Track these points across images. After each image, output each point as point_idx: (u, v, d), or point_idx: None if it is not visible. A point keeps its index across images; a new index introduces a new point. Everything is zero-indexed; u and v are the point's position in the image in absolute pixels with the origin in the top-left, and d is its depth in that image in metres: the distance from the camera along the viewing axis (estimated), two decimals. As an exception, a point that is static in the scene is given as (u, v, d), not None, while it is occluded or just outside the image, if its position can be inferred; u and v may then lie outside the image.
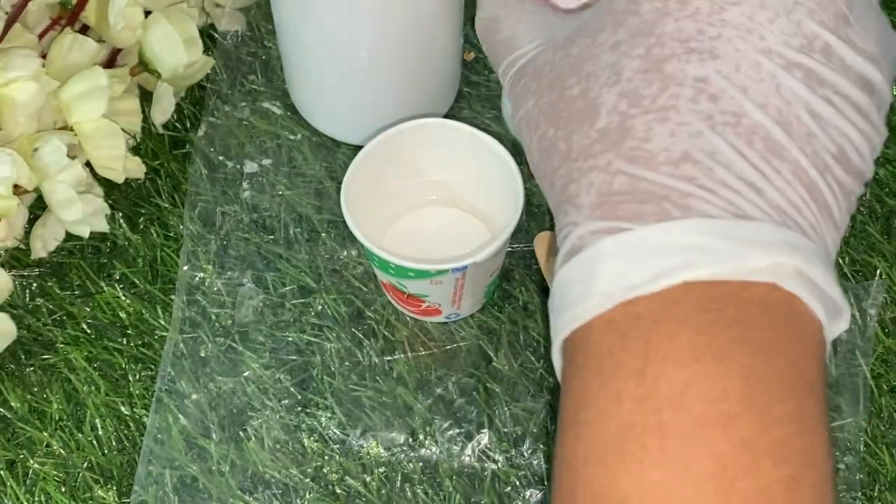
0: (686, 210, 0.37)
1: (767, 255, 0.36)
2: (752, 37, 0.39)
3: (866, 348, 0.60)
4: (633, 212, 0.38)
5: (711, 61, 0.39)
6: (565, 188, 0.40)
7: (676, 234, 0.37)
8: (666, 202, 0.37)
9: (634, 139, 0.38)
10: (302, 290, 0.62)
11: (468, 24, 0.68)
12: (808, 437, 0.36)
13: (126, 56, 0.66)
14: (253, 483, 0.57)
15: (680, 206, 0.37)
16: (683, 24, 0.40)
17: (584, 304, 0.37)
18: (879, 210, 0.63)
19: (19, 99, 0.61)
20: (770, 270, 0.36)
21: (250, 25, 0.69)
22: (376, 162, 0.57)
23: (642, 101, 0.39)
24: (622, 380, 0.36)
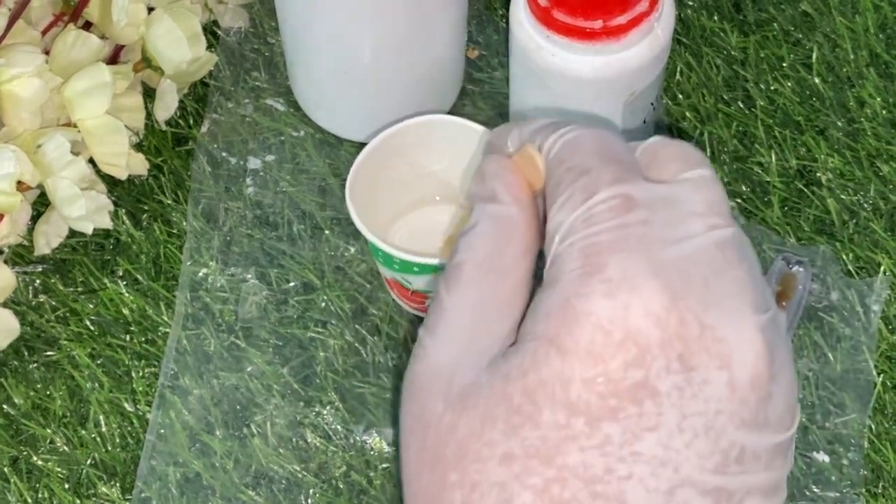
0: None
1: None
2: (666, 470, 0.37)
3: (870, 345, 0.59)
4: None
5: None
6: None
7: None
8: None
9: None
10: (305, 287, 0.62)
11: (472, 22, 0.68)
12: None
13: (129, 53, 0.66)
14: (256, 479, 0.57)
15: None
16: (590, 456, 0.37)
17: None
18: (883, 207, 0.63)
19: (22, 95, 0.61)
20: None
21: (253, 22, 0.69)
22: (381, 158, 0.57)
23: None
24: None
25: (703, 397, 0.37)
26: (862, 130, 0.65)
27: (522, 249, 0.41)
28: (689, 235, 0.39)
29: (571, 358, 0.37)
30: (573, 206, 0.39)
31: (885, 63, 0.67)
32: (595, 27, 0.54)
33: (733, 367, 0.37)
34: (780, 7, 0.69)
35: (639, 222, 0.38)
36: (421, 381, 0.40)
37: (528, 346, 0.38)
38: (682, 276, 0.38)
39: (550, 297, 0.38)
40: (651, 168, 0.41)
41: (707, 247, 0.39)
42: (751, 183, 0.64)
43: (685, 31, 0.68)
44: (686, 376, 0.37)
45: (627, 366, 0.37)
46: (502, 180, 0.42)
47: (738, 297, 0.38)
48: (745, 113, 0.66)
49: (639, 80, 0.56)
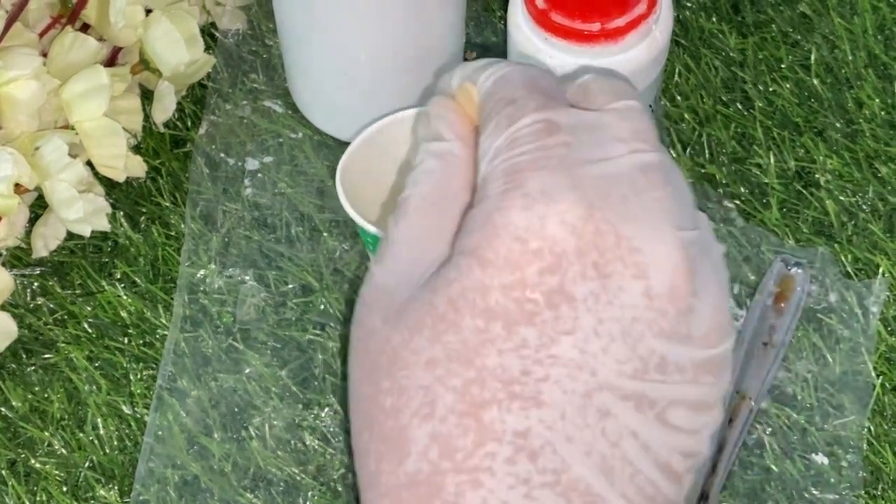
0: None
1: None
2: (583, 373, 0.38)
3: (869, 346, 0.59)
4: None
5: (535, 409, 0.37)
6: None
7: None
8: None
9: (443, 501, 0.37)
10: (304, 289, 0.62)
11: (470, 24, 0.68)
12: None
13: (127, 55, 0.66)
14: (255, 481, 0.57)
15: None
16: (508, 359, 0.38)
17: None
18: (882, 208, 0.63)
19: (20, 98, 0.61)
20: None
21: (251, 24, 0.69)
22: (373, 149, 0.57)
23: (455, 454, 0.37)
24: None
25: (618, 304, 0.38)
26: (860, 132, 0.65)
27: (463, 182, 0.43)
28: (610, 157, 0.40)
29: (490, 267, 0.38)
30: (499, 132, 0.41)
31: (884, 64, 0.67)
32: (593, 30, 0.54)
33: (650, 276, 0.38)
34: (778, 8, 0.69)
35: (560, 144, 0.40)
36: (366, 303, 0.42)
37: (455, 259, 0.40)
38: (601, 191, 0.39)
39: (476, 214, 0.40)
40: (581, 102, 0.43)
41: (629, 168, 0.40)
42: (749, 184, 0.64)
43: (683, 33, 0.68)
44: (602, 283, 0.38)
45: (543, 272, 0.38)
46: (445, 119, 0.44)
47: (658, 214, 0.39)
48: (743, 114, 0.66)
49: (637, 83, 0.56)
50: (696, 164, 0.65)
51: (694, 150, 0.65)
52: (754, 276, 0.61)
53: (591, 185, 0.39)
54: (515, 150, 0.40)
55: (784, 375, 0.59)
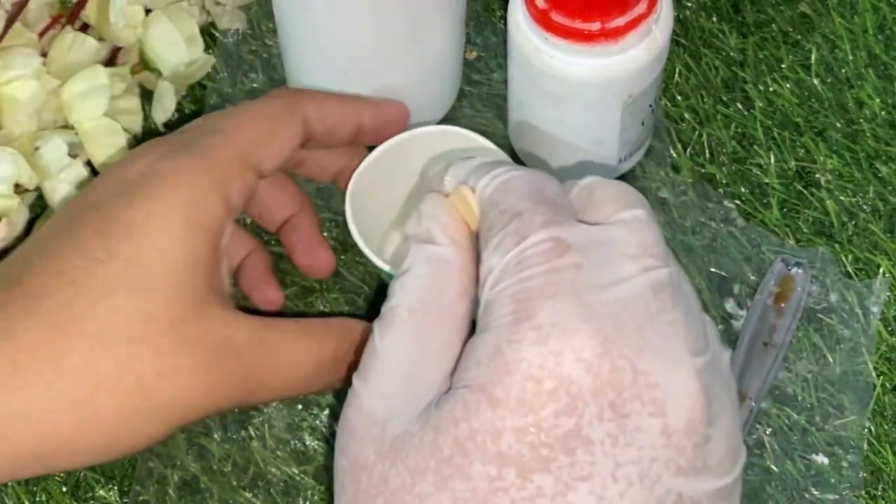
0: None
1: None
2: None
3: (869, 346, 0.59)
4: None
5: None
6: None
7: None
8: None
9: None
10: (304, 290, 0.62)
11: (470, 23, 0.68)
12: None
13: (127, 54, 0.66)
14: (254, 481, 0.57)
15: None
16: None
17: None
18: (882, 208, 0.63)
19: (20, 98, 0.61)
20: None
21: (251, 23, 0.69)
22: (386, 165, 0.57)
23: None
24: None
25: (636, 445, 0.36)
26: (861, 132, 0.65)
27: (458, 292, 0.41)
28: (622, 279, 0.38)
29: (502, 407, 0.36)
30: (505, 250, 0.39)
31: (884, 64, 0.67)
32: (593, 29, 0.54)
33: (667, 413, 0.37)
34: (778, 8, 0.69)
35: (570, 266, 0.38)
36: (354, 430, 0.40)
37: (460, 394, 0.37)
38: (615, 320, 0.37)
39: (482, 345, 0.38)
40: (586, 209, 0.41)
41: (640, 290, 0.38)
42: (749, 184, 0.64)
43: (684, 33, 0.68)
44: (619, 424, 0.36)
45: (559, 414, 0.36)
46: (438, 220, 0.42)
47: (673, 341, 0.38)
48: (743, 114, 0.66)
49: (637, 82, 0.56)
50: (697, 164, 0.65)
51: (694, 150, 0.65)
52: (755, 276, 0.61)
53: (604, 313, 0.37)
54: (524, 272, 0.38)
55: (784, 375, 0.59)
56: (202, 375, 0.45)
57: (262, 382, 0.48)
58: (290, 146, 0.52)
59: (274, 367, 0.48)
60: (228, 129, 0.50)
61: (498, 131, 0.65)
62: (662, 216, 0.62)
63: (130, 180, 0.48)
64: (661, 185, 0.64)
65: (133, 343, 0.44)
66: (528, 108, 0.60)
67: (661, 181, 0.64)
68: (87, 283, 0.44)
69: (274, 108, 0.52)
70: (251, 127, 0.51)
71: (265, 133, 0.51)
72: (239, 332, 0.47)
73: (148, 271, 0.44)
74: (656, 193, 0.63)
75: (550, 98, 0.57)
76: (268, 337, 0.48)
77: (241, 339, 0.47)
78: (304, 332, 0.49)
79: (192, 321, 0.45)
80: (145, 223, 0.45)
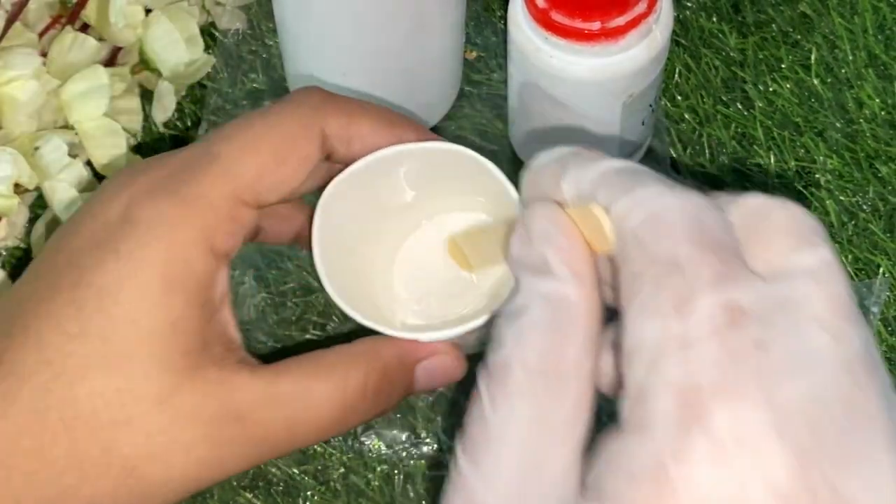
0: None
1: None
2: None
3: (869, 346, 0.59)
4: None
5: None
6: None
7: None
8: None
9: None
10: (304, 289, 0.62)
11: (470, 23, 0.68)
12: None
13: (127, 54, 0.66)
14: (254, 481, 0.57)
15: None
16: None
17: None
18: (882, 208, 0.63)
19: (20, 98, 0.61)
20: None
21: (251, 23, 0.69)
22: (354, 194, 0.49)
23: None
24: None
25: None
26: (861, 132, 0.65)
27: (586, 345, 0.33)
28: (814, 360, 0.31)
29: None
30: (662, 317, 0.31)
31: (884, 64, 0.67)
32: (593, 29, 0.54)
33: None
34: (778, 8, 0.69)
35: (751, 345, 0.30)
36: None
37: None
38: (812, 425, 0.30)
39: (636, 450, 0.30)
40: (753, 243, 0.33)
41: (836, 374, 0.31)
42: (750, 184, 0.64)
43: (684, 33, 0.68)
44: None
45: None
46: (555, 245, 0.34)
47: (875, 443, 0.31)
48: (743, 114, 0.66)
49: (637, 82, 0.56)
50: (697, 164, 0.64)
51: (694, 150, 0.65)
52: (754, 275, 0.61)
53: (799, 416, 0.30)
54: (691, 354, 0.30)
55: (784, 375, 0.59)
56: (202, 449, 0.41)
57: (278, 441, 0.43)
58: (300, 174, 0.45)
59: (290, 423, 0.43)
60: (224, 157, 0.44)
61: (498, 131, 0.65)
62: (662, 216, 0.62)
63: (109, 225, 0.43)
64: (661, 185, 0.64)
65: (117, 426, 0.40)
66: (529, 107, 0.60)
67: (661, 181, 0.64)
68: (64, 363, 0.40)
69: (285, 126, 0.45)
70: (253, 153, 0.44)
71: (269, 161, 0.44)
72: (242, 393, 0.42)
73: (124, 346, 0.41)
74: (656, 193, 0.63)
75: (550, 98, 0.57)
76: (278, 392, 0.43)
77: (246, 400, 0.42)
78: (320, 373, 0.44)
79: (183, 392, 0.41)
80: (117, 291, 0.41)
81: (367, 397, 0.44)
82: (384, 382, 0.44)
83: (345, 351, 0.45)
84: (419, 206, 0.51)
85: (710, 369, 0.30)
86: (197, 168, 0.44)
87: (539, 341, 0.33)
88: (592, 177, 0.35)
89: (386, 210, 0.50)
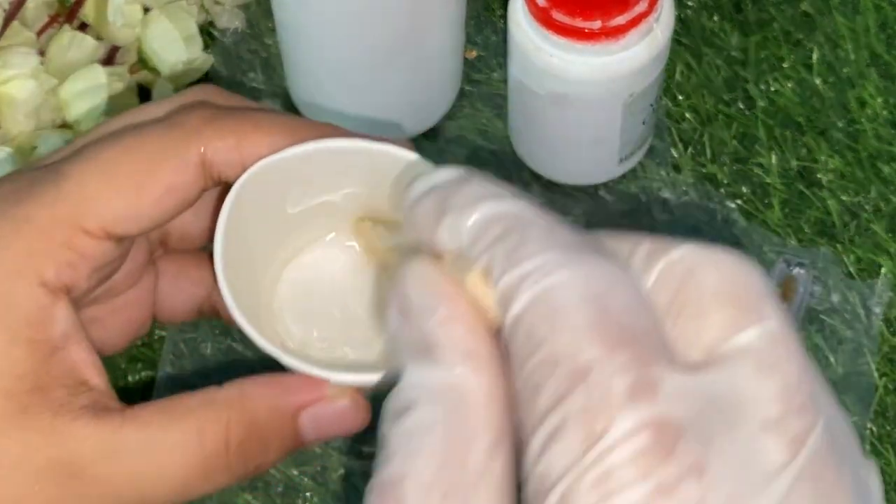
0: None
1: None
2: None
3: (871, 347, 0.59)
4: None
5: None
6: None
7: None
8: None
9: None
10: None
11: (470, 22, 0.68)
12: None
13: (125, 54, 0.65)
14: (254, 482, 0.57)
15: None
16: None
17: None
18: (885, 208, 0.63)
19: (18, 97, 0.60)
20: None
21: (250, 22, 0.69)
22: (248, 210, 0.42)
23: None
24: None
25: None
26: (863, 131, 0.65)
27: (492, 444, 0.27)
28: (764, 478, 0.25)
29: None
30: (572, 444, 0.25)
31: (886, 63, 0.67)
32: (594, 28, 0.54)
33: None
34: (780, 7, 0.69)
35: (686, 473, 0.24)
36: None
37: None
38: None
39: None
40: (681, 315, 0.27)
41: (796, 490, 0.25)
42: (751, 184, 0.64)
43: (685, 32, 0.68)
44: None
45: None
46: (438, 318, 0.28)
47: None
48: (745, 114, 0.66)
49: (638, 81, 0.56)
50: (698, 163, 0.64)
51: (695, 150, 0.65)
52: (756, 276, 0.61)
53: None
54: (611, 490, 0.24)
55: (786, 376, 0.59)
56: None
57: (122, 499, 0.38)
58: (166, 205, 0.39)
59: (134, 478, 0.37)
60: (71, 178, 0.38)
61: (498, 131, 0.65)
62: (663, 216, 0.62)
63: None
64: (662, 185, 0.63)
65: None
66: (529, 107, 0.59)
67: (661, 181, 0.63)
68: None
69: (148, 151, 0.39)
70: (105, 178, 0.38)
71: (124, 188, 0.38)
72: (78, 443, 0.37)
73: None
74: (657, 193, 0.63)
75: (551, 97, 0.57)
76: (120, 443, 0.37)
77: (84, 453, 0.37)
78: (173, 422, 0.38)
79: (7, 439, 0.36)
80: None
81: (229, 453, 0.38)
82: (252, 436, 0.38)
83: (208, 396, 0.39)
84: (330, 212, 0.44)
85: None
86: (37, 188, 0.38)
87: (433, 451, 0.27)
88: (470, 227, 0.28)
89: (289, 218, 0.44)
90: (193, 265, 0.45)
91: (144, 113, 0.41)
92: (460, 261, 0.28)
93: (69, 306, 0.38)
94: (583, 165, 0.61)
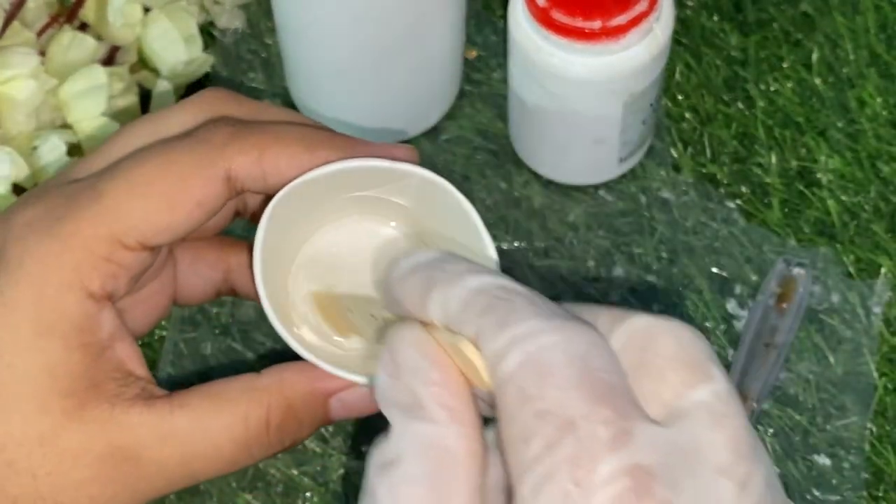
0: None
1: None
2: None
3: (871, 347, 0.59)
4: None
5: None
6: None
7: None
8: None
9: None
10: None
11: (470, 22, 0.68)
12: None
13: (125, 54, 0.65)
14: (254, 482, 0.57)
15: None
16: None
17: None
18: (884, 208, 0.63)
19: (18, 97, 0.60)
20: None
21: (250, 22, 0.69)
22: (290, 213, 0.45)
23: None
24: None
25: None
26: (862, 131, 0.65)
27: (470, 496, 0.30)
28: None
29: None
30: (561, 489, 0.28)
31: (886, 63, 0.67)
32: (594, 28, 0.54)
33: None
34: (780, 7, 0.69)
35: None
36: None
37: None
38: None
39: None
40: (643, 375, 0.31)
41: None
42: (751, 184, 0.64)
43: (685, 32, 0.68)
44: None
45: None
46: (427, 379, 0.31)
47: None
48: (745, 114, 0.66)
49: (638, 81, 0.56)
50: (698, 163, 0.64)
51: (695, 150, 0.65)
52: (756, 276, 0.61)
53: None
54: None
55: (786, 376, 0.59)
56: (93, 488, 0.41)
57: (174, 477, 0.42)
58: (196, 217, 0.43)
59: (186, 459, 0.42)
60: (108, 196, 0.41)
61: (498, 131, 0.65)
62: (663, 216, 0.62)
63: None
64: (661, 184, 0.63)
65: (1, 469, 0.40)
66: (529, 107, 0.59)
67: (661, 181, 0.63)
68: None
69: (179, 168, 0.42)
70: (140, 196, 0.41)
71: (158, 204, 0.42)
72: (135, 430, 0.41)
73: (1, 390, 0.40)
74: (657, 193, 0.63)
75: (551, 97, 0.57)
76: (173, 427, 0.42)
77: (139, 437, 0.41)
78: (221, 408, 0.42)
79: (68, 432, 0.40)
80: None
81: (270, 432, 0.43)
82: (289, 417, 0.43)
83: (249, 384, 0.43)
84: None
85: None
86: (76, 205, 0.42)
87: (419, 500, 0.30)
88: (458, 302, 0.32)
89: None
90: (208, 249, 0.49)
91: (168, 121, 0.45)
92: (449, 328, 0.31)
93: (112, 310, 0.42)
94: (583, 165, 0.62)
